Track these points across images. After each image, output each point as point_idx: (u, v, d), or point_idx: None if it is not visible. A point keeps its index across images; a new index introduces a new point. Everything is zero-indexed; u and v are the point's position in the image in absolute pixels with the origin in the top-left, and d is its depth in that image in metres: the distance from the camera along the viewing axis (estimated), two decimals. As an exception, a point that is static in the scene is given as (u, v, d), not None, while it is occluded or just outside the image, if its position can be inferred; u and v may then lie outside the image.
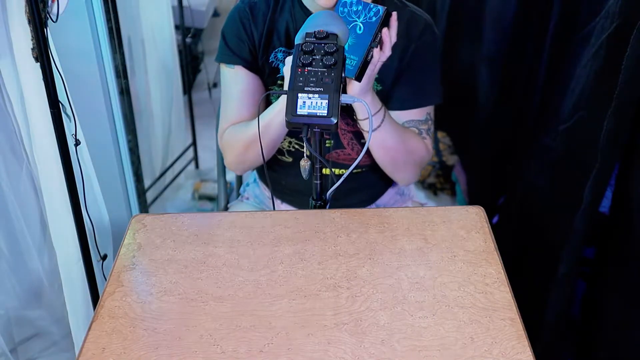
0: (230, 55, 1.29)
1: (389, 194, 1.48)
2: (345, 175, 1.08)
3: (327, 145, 1.32)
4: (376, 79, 1.27)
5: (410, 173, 1.34)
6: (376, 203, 1.46)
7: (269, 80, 1.31)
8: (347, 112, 1.28)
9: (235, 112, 1.31)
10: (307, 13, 1.26)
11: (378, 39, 1.11)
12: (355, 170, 1.36)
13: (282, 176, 1.39)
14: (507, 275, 1.00)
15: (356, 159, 1.32)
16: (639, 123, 1.14)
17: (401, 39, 1.25)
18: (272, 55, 1.29)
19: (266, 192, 1.49)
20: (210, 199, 2.50)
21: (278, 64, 1.29)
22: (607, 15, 1.12)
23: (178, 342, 0.88)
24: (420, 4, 2.80)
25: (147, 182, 2.19)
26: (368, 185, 1.42)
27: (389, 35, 1.12)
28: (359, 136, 1.31)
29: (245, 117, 1.30)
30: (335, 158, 1.34)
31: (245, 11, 1.29)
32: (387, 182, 1.46)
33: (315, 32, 1.01)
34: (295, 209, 1.40)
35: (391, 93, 1.30)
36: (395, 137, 1.25)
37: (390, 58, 1.24)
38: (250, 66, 1.30)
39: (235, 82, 1.31)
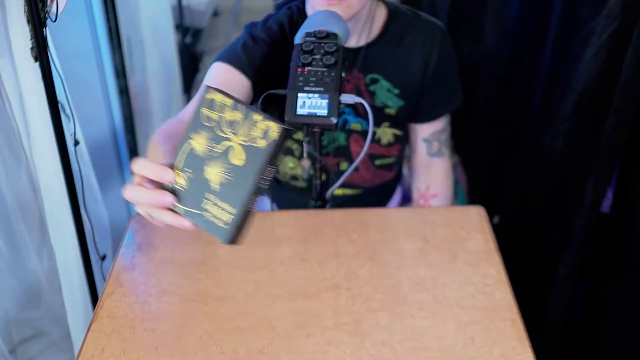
0: (242, 63, 1.10)
1: (395, 200, 1.47)
2: (346, 174, 1.08)
3: (342, 168, 1.28)
4: (397, 95, 1.23)
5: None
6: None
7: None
8: (362, 135, 1.26)
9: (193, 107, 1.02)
10: None
11: (265, 179, 0.64)
12: (359, 191, 1.34)
13: (295, 197, 1.34)
14: (508, 276, 0.99)
15: (370, 180, 1.32)
16: (640, 123, 1.14)
17: (420, 50, 1.22)
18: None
19: (268, 207, 1.46)
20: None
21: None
22: (608, 15, 1.11)
23: (177, 343, 0.88)
24: (421, 3, 2.80)
25: (146, 182, 2.19)
26: (374, 203, 1.39)
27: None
28: (373, 158, 1.30)
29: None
30: (349, 180, 1.30)
31: (273, 30, 1.15)
32: (391, 193, 1.45)
33: (315, 31, 1.00)
34: None
35: (417, 107, 1.27)
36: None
37: (407, 69, 1.22)
38: (253, 80, 1.11)
39: (221, 76, 1.09)
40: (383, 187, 1.37)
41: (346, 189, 1.32)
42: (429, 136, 1.32)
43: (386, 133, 1.27)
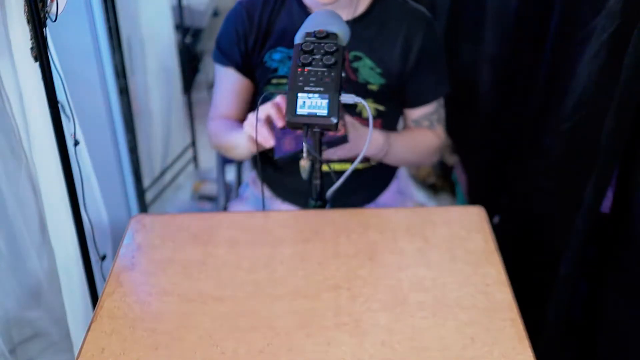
0: (222, 57, 1.34)
1: (390, 192, 1.48)
2: (345, 175, 1.08)
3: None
4: (380, 73, 1.27)
5: (426, 162, 1.47)
6: (376, 202, 1.46)
7: (261, 79, 1.31)
8: (350, 107, 1.28)
9: (223, 107, 1.38)
10: (306, 12, 1.25)
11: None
12: (356, 168, 1.35)
13: (285, 176, 1.38)
14: (508, 276, 0.99)
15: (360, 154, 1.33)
16: (640, 122, 1.14)
17: (403, 36, 1.27)
18: (267, 56, 1.29)
19: (266, 193, 1.47)
20: (210, 199, 2.50)
21: (272, 64, 1.29)
22: (608, 15, 1.11)
23: (177, 343, 0.88)
24: (420, 2, 2.80)
25: (146, 182, 2.19)
26: (369, 184, 1.42)
27: None
28: None
29: (231, 112, 1.37)
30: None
31: (240, 13, 1.30)
32: (387, 180, 1.46)
33: (315, 31, 1.00)
34: (296, 208, 1.40)
35: (403, 91, 1.32)
36: (404, 153, 1.32)
37: (390, 52, 1.27)
38: (242, 68, 1.33)
39: (225, 80, 1.36)
40: (373, 167, 1.38)
41: (334, 164, 1.32)
42: (418, 117, 1.37)
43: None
